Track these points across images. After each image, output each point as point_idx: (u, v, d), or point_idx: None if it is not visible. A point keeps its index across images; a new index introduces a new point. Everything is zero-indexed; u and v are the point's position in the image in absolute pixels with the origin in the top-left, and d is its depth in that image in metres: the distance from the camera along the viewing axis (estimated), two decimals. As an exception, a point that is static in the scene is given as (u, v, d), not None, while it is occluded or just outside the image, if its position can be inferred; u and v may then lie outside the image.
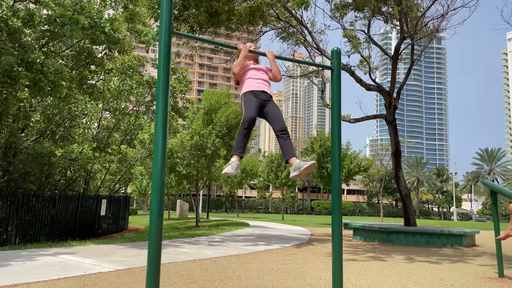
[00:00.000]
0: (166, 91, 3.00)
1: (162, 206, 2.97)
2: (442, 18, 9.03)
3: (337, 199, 3.77)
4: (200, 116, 16.35)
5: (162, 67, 3.03)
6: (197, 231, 12.55)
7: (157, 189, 2.93)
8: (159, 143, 2.89)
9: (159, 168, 2.90)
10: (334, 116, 3.81)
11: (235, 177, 33.43)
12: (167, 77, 3.04)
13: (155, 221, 2.89)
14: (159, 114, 2.93)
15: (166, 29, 3.08)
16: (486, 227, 29.31)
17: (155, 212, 2.93)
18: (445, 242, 9.61)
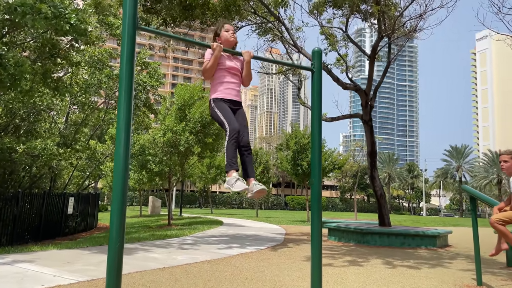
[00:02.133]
0: (129, 92, 2.66)
1: (124, 219, 2.65)
2: (420, 18, 8.96)
3: (317, 211, 3.53)
4: (173, 112, 15.88)
5: (125, 65, 2.69)
6: (168, 232, 12.15)
7: (118, 200, 2.61)
8: (121, 147, 2.58)
9: (120, 176, 2.59)
10: (315, 119, 3.56)
11: (209, 173, 33.03)
12: (131, 76, 2.69)
13: (114, 241, 2.57)
14: (121, 117, 2.60)
15: (130, 24, 2.73)
16: (455, 222, 30.06)
17: (115, 227, 2.61)
18: (419, 243, 9.60)
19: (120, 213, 2.59)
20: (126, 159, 2.61)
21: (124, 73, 2.68)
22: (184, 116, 15.84)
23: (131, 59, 2.70)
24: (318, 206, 3.52)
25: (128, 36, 2.72)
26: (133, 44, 2.73)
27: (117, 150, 2.60)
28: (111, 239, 2.59)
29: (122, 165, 2.60)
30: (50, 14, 7.02)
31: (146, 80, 11.96)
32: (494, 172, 62.12)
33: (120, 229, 2.58)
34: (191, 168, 22.38)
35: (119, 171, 2.60)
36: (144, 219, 24.39)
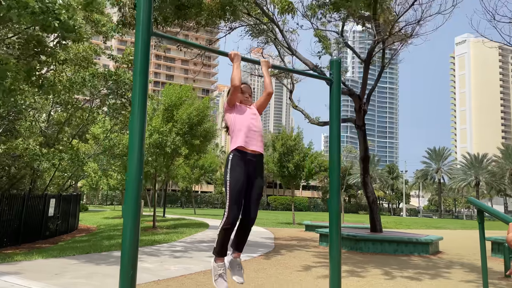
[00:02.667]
0: (143, 101, 2.41)
1: (137, 245, 2.40)
2: (417, 24, 8.89)
3: (336, 233, 3.33)
4: (160, 112, 15.50)
5: (139, 74, 2.44)
6: (155, 236, 11.81)
7: (130, 226, 2.37)
8: (135, 157, 2.35)
9: (135, 187, 2.36)
10: (333, 131, 3.36)
11: (193, 173, 32.61)
12: (145, 85, 2.45)
13: (126, 270, 2.32)
14: (134, 127, 2.38)
15: (144, 30, 2.47)
16: (436, 224, 30.45)
17: (128, 255, 2.37)
18: (412, 250, 9.54)
19: (132, 239, 2.34)
20: (139, 185, 2.37)
21: (138, 83, 2.42)
22: (171, 117, 15.47)
23: (145, 67, 2.44)
24: (337, 226, 3.33)
25: (142, 43, 2.46)
26: (147, 51, 2.48)
27: (131, 155, 2.35)
28: (122, 268, 2.34)
29: (135, 192, 2.36)
30: (37, 9, 6.62)
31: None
32: (472, 174, 63.41)
33: (133, 256, 2.33)
34: (176, 169, 21.97)
35: (132, 197, 2.35)
36: (126, 221, 23.84)
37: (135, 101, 2.40)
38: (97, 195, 58.60)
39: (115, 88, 12.46)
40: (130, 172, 2.35)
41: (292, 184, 22.18)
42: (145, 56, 2.45)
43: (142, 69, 2.43)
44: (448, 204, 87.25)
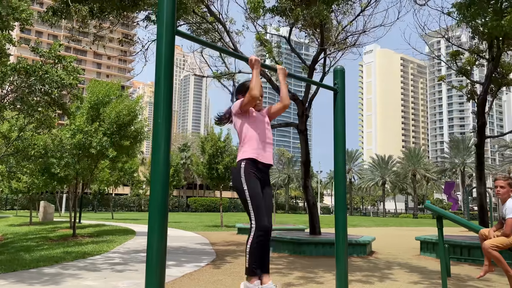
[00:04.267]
0: (168, 111, 2.07)
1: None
2: (361, 34, 9.26)
3: (343, 243, 3.23)
4: (84, 111, 14.28)
5: (164, 79, 2.08)
6: (83, 247, 10.81)
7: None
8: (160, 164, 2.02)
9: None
10: (339, 144, 3.25)
11: (111, 176, 30.74)
12: (170, 91, 2.10)
13: None
14: (159, 137, 2.04)
15: (168, 28, 2.12)
16: (350, 222, 32.31)
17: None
18: (351, 251, 9.89)
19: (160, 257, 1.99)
20: (165, 200, 2.02)
21: (163, 89, 2.06)
22: (97, 115, 14.34)
23: (169, 71, 2.09)
24: (343, 236, 3.23)
25: (166, 43, 2.10)
26: (171, 52, 2.12)
27: (153, 198, 1.99)
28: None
29: (161, 207, 2.01)
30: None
31: (64, 77, 10.41)
32: (379, 174, 68.66)
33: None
34: (100, 172, 20.48)
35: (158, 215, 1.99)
36: (37, 228, 21.65)
37: (159, 111, 2.04)
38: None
39: (38, 85, 11.16)
40: (156, 187, 2.00)
41: (220, 186, 21.95)
42: (170, 58, 2.10)
43: (167, 74, 2.08)
44: (356, 202, 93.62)
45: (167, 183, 2.01)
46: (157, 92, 2.05)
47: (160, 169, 2.00)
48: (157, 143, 2.02)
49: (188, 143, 73.06)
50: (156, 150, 2.02)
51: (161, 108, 2.04)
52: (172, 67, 2.10)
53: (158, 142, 2.02)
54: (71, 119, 14.16)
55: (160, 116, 2.03)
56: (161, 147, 2.02)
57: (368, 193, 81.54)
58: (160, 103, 2.04)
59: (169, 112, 2.05)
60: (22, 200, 50.38)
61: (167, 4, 2.10)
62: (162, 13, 2.10)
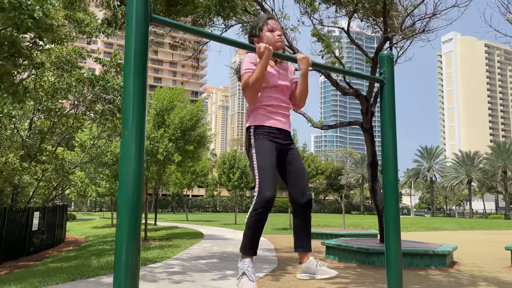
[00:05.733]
0: (140, 113, 1.61)
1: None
2: (430, 19, 8.23)
3: (396, 252, 2.57)
4: (151, 118, 14.61)
5: (134, 75, 1.62)
6: (148, 253, 10.93)
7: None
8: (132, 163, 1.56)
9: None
10: (388, 141, 2.61)
11: (184, 179, 31.65)
12: (142, 90, 1.64)
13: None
14: (128, 148, 1.58)
15: (140, 14, 1.67)
16: (433, 225, 29.91)
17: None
18: (428, 263, 8.84)
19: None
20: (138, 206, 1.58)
21: (133, 87, 1.61)
22: (162, 122, 14.61)
23: (141, 64, 1.64)
24: (396, 241, 2.57)
25: (137, 32, 1.65)
26: (145, 43, 1.67)
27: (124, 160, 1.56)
28: None
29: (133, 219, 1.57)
30: (7, 5, 5.75)
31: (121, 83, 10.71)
32: (463, 172, 63.44)
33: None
34: (168, 177, 21.07)
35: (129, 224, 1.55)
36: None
37: (128, 119, 1.59)
38: (85, 202, 57.20)
39: (103, 94, 11.56)
40: (123, 210, 1.56)
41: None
42: (142, 50, 1.64)
43: (138, 68, 1.62)
44: (439, 202, 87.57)
45: (136, 207, 1.57)
46: (126, 96, 1.61)
47: (128, 192, 1.56)
48: (125, 159, 1.58)
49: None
50: (123, 167, 1.58)
51: (130, 116, 1.59)
52: (145, 64, 1.65)
53: (125, 158, 1.58)
54: (138, 126, 14.57)
55: (128, 126, 1.59)
56: (130, 164, 1.58)
57: (452, 192, 75.82)
58: (129, 110, 1.60)
59: (141, 120, 1.61)
60: (108, 202, 54.11)
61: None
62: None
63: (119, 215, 1.57)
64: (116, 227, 1.60)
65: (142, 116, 1.61)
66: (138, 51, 1.62)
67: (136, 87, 1.60)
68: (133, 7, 1.64)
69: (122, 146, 1.59)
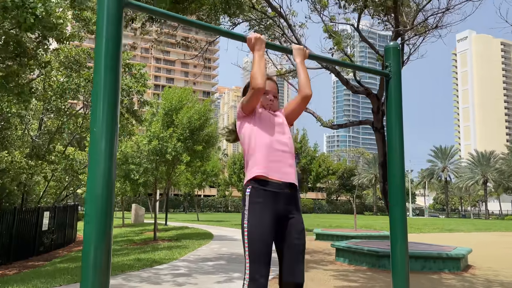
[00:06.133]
0: (112, 100, 1.45)
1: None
2: (443, 14, 7.95)
3: (403, 253, 2.37)
4: (159, 117, 14.55)
5: (105, 70, 1.47)
6: (156, 254, 10.84)
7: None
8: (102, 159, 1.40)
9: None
10: (394, 138, 2.43)
11: (194, 178, 31.64)
12: (117, 73, 1.48)
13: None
14: (97, 147, 1.41)
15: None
16: (448, 226, 29.34)
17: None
18: (441, 266, 8.55)
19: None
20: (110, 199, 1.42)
21: (102, 77, 1.46)
22: (171, 121, 14.54)
23: (115, 57, 1.48)
24: (402, 242, 2.37)
25: (109, 18, 1.50)
26: (118, 29, 1.51)
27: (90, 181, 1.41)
28: None
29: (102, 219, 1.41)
30: (9, 3, 5.68)
31: (132, 85, 10.59)
32: (479, 172, 62.31)
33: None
34: (177, 177, 20.99)
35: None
36: (127, 230, 22.92)
37: (97, 115, 1.44)
38: (99, 201, 57.63)
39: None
40: (91, 211, 1.40)
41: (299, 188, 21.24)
42: (115, 37, 1.49)
43: (110, 58, 1.47)
44: (454, 202, 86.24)
45: (105, 208, 1.42)
46: (95, 89, 1.46)
47: (97, 192, 1.41)
48: (93, 158, 1.43)
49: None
50: (92, 166, 1.43)
51: (100, 111, 1.44)
52: (118, 53, 1.49)
53: (94, 157, 1.43)
54: (147, 126, 14.52)
55: (97, 122, 1.43)
56: (100, 163, 1.43)
57: (467, 193, 74.57)
58: (99, 105, 1.44)
59: (112, 116, 1.45)
60: (120, 202, 54.49)
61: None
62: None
63: (87, 215, 1.42)
64: (84, 227, 1.45)
65: (114, 112, 1.46)
66: (111, 38, 1.47)
67: (107, 79, 1.45)
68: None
69: (91, 144, 1.44)
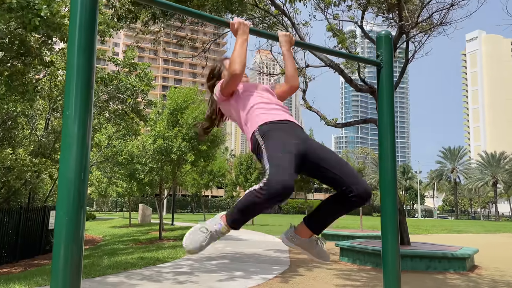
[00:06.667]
0: (86, 84, 1.43)
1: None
2: (448, 10, 7.85)
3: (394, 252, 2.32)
4: (164, 117, 14.59)
5: (78, 50, 1.46)
6: (159, 252, 10.86)
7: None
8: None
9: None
10: (385, 131, 2.37)
11: (201, 179, 31.68)
12: (90, 62, 1.46)
13: None
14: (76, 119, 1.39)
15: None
16: (456, 227, 29.02)
17: None
18: (446, 266, 8.44)
19: None
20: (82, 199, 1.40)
21: (76, 61, 1.44)
22: (176, 121, 14.57)
23: (88, 40, 1.46)
24: (393, 240, 2.31)
25: (83, 1, 1.48)
26: (92, 14, 1.49)
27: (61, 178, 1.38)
28: None
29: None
30: (15, 5, 5.72)
31: (136, 84, 10.63)
32: (489, 173, 61.59)
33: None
34: (183, 176, 21.05)
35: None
36: (133, 230, 23.00)
37: (70, 91, 1.42)
38: (107, 202, 58.01)
39: (115, 93, 11.56)
40: (61, 203, 1.37)
41: (305, 188, 21.15)
42: (89, 22, 1.47)
43: (84, 43, 1.45)
44: (463, 204, 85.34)
45: (78, 198, 1.39)
46: (68, 73, 1.44)
47: (69, 184, 1.38)
48: (65, 143, 1.40)
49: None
50: (65, 156, 1.40)
51: (73, 94, 1.42)
52: (92, 38, 1.47)
53: (66, 141, 1.40)
54: (151, 125, 14.56)
55: (70, 105, 1.41)
56: (72, 150, 1.40)
57: (477, 194, 73.74)
58: (71, 88, 1.42)
59: (86, 100, 1.43)
60: (127, 202, 54.82)
61: None
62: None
63: (58, 208, 1.40)
64: (55, 223, 1.43)
65: (87, 96, 1.44)
66: (84, 23, 1.45)
67: (80, 62, 1.43)
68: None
69: (63, 128, 1.42)
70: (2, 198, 12.45)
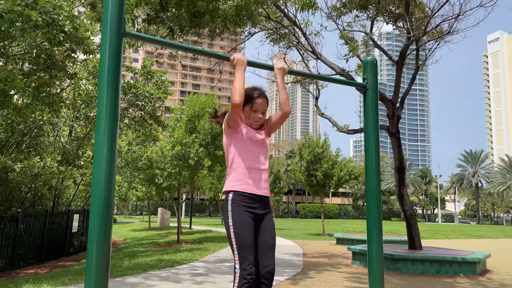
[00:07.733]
0: (112, 127, 1.79)
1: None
2: (456, 19, 8.02)
3: (377, 255, 2.60)
4: (182, 123, 15.06)
5: (107, 88, 1.82)
6: (177, 255, 11.25)
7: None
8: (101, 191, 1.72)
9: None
10: (370, 146, 2.68)
11: (219, 183, 32.11)
12: (115, 104, 1.83)
13: None
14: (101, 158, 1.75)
15: (113, 29, 1.86)
16: (476, 233, 28.65)
17: None
18: (457, 270, 8.57)
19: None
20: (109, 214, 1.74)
21: (105, 97, 1.80)
22: (194, 127, 15.01)
23: (114, 78, 1.82)
24: (377, 243, 2.59)
25: (111, 47, 1.84)
26: (118, 57, 1.85)
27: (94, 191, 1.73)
28: None
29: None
30: (41, 22, 6.21)
31: (153, 92, 11.12)
32: (511, 177, 60.32)
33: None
34: (200, 181, 21.49)
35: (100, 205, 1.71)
36: (152, 233, 23.57)
37: (101, 120, 1.78)
38: (127, 205, 59.10)
39: (134, 101, 12.08)
40: (95, 215, 1.72)
41: (321, 193, 21.32)
42: (115, 64, 1.83)
43: (111, 81, 1.81)
44: (486, 209, 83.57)
45: (107, 207, 1.74)
46: (99, 106, 1.80)
47: (100, 194, 1.73)
48: (97, 162, 1.76)
49: (295, 150, 73.34)
50: (97, 172, 1.76)
51: (103, 123, 1.78)
52: (118, 76, 1.83)
53: (98, 161, 1.76)
54: (170, 131, 15.05)
55: (100, 132, 1.77)
56: (102, 167, 1.76)
57: (500, 198, 72.16)
58: (102, 118, 1.78)
59: (112, 127, 1.78)
60: (147, 206, 55.71)
61: (112, 1, 1.84)
62: (106, 12, 1.84)
63: (91, 213, 1.75)
64: (89, 228, 1.78)
65: (114, 124, 1.79)
66: (112, 65, 1.81)
67: (108, 98, 1.79)
68: (107, 24, 1.83)
69: (95, 150, 1.78)
70: (29, 202, 13.08)
